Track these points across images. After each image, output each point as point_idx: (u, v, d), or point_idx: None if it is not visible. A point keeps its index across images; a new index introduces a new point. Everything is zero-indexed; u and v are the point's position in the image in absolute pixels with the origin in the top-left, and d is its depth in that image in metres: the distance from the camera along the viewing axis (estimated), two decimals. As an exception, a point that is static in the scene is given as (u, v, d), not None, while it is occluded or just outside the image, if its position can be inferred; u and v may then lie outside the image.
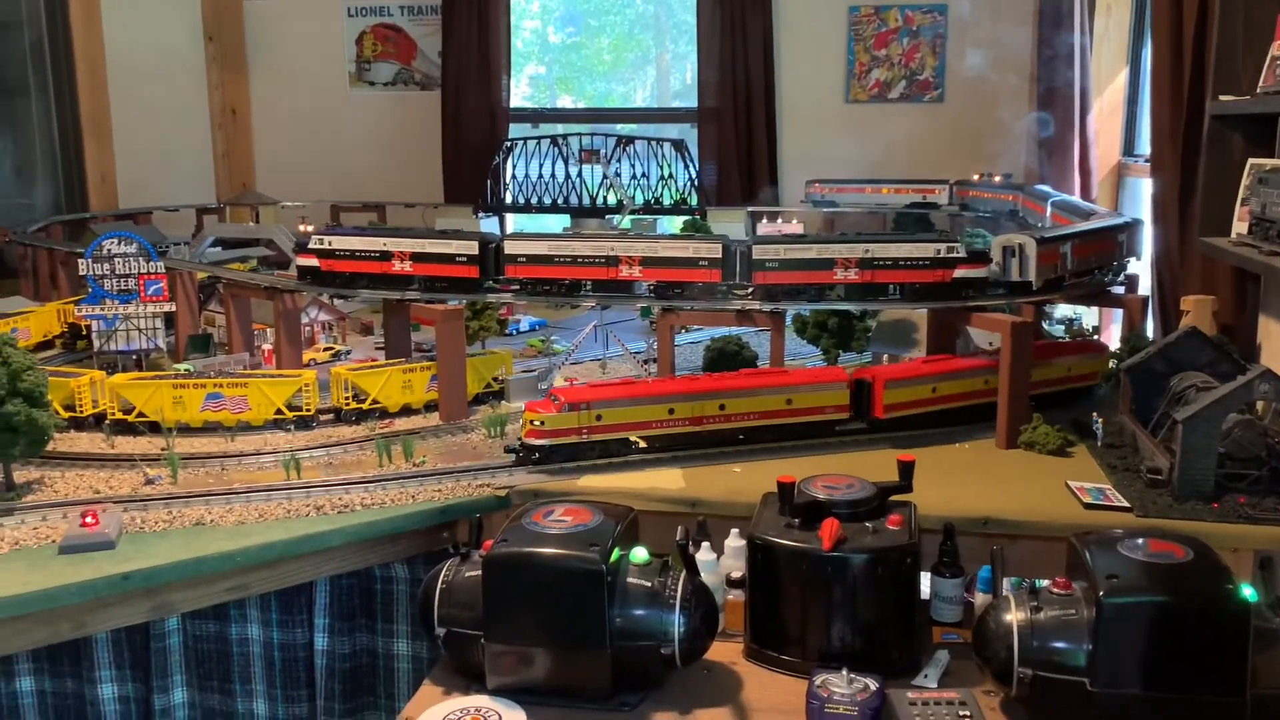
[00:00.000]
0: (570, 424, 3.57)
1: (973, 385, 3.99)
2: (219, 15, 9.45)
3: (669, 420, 3.67)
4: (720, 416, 3.72)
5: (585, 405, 3.58)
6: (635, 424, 3.65)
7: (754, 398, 3.74)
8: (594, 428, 3.60)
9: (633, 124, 9.48)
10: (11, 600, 2.66)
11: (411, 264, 4.15)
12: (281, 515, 3.19)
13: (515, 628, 2.67)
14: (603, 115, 9.69)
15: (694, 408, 3.69)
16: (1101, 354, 4.46)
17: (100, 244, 4.68)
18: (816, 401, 3.81)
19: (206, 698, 3.87)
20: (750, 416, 3.76)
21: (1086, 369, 4.37)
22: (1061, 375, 4.25)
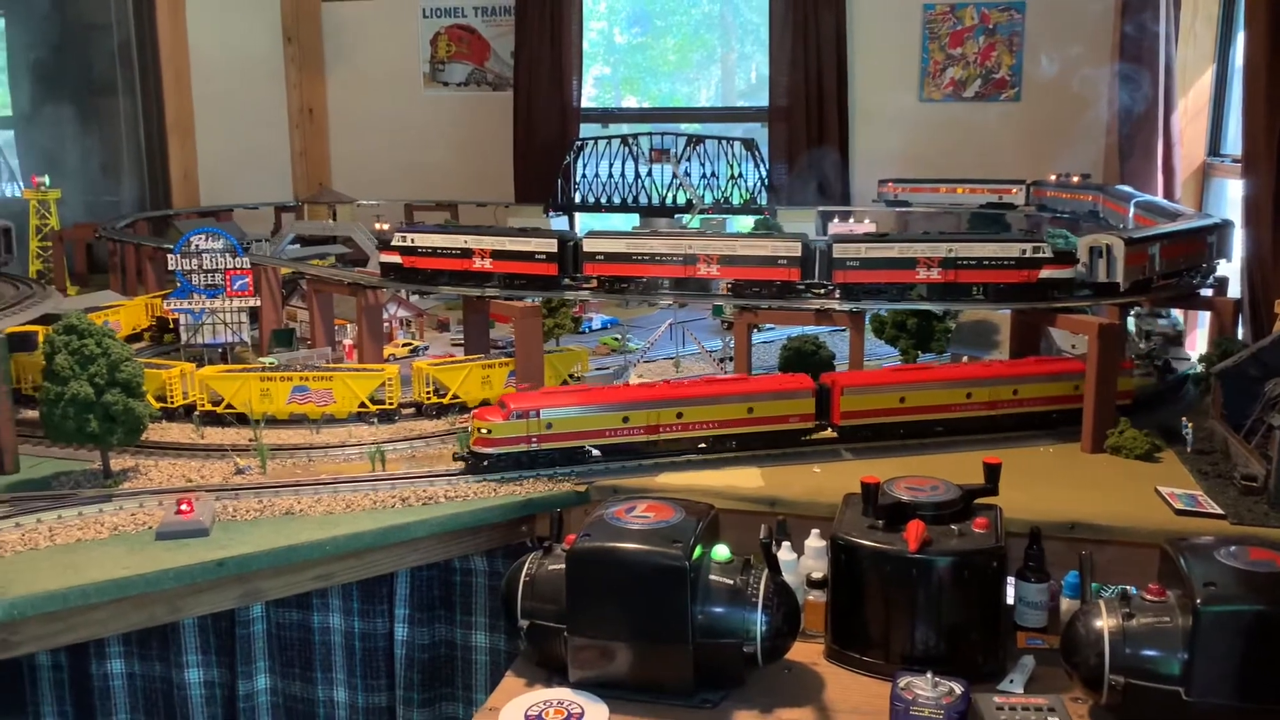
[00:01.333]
0: (519, 432, 3.49)
1: (952, 397, 3.83)
2: (298, 17, 9.64)
3: (624, 429, 3.58)
4: (678, 425, 3.63)
5: (534, 413, 3.51)
6: (588, 432, 3.56)
7: (713, 406, 3.65)
8: (544, 436, 3.51)
9: (700, 123, 9.46)
10: (112, 584, 2.75)
11: (491, 261, 4.20)
12: (368, 506, 3.25)
13: (598, 622, 2.68)
14: (672, 115, 9.69)
15: (650, 416, 3.59)
16: (1125, 372, 4.04)
17: (189, 240, 4.80)
18: (779, 410, 3.69)
19: (288, 684, 3.97)
20: (710, 425, 3.66)
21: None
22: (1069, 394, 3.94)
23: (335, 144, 9.96)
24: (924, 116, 8.50)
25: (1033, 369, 3.96)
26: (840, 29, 8.43)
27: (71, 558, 2.87)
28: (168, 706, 3.96)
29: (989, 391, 3.86)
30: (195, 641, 3.94)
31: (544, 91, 9.11)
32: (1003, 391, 3.87)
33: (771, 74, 8.66)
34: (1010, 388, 3.88)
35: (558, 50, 9.03)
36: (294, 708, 3.97)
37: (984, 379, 3.87)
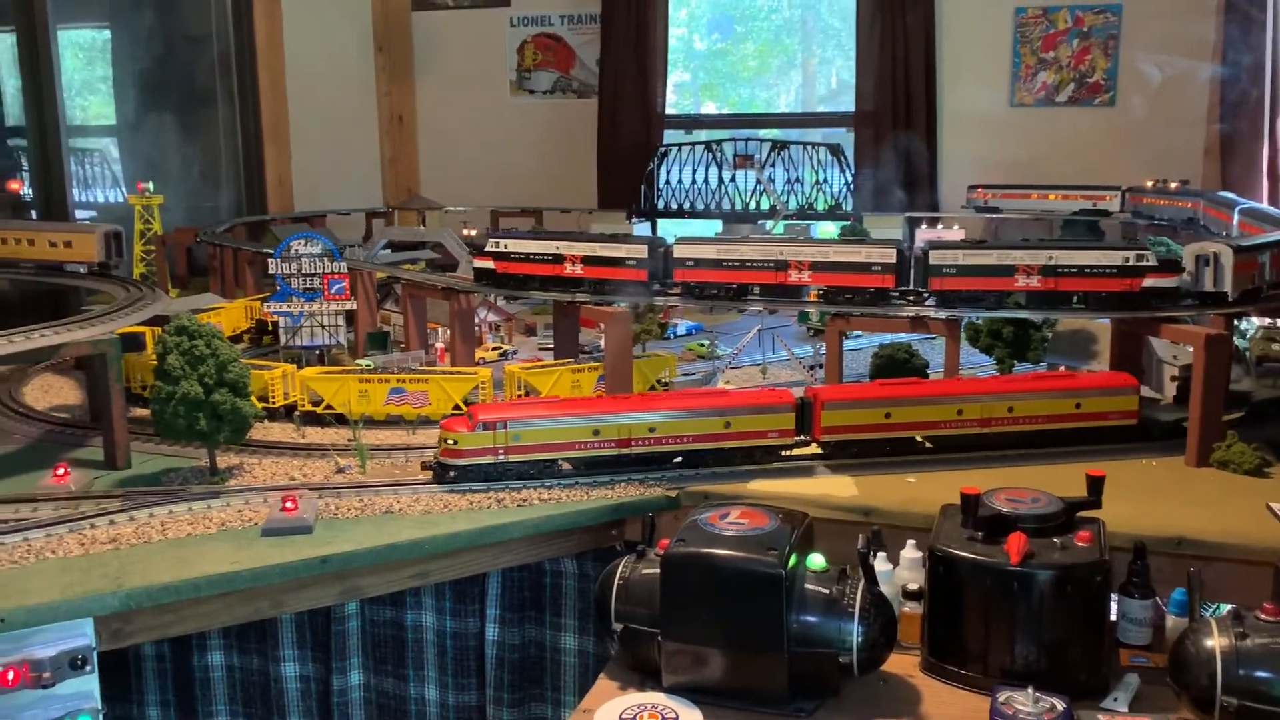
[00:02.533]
0: (485, 444, 3.44)
1: (941, 414, 3.69)
2: (389, 26, 9.86)
3: (594, 442, 3.52)
4: (651, 439, 3.55)
5: (501, 425, 3.45)
6: (557, 445, 3.50)
7: (688, 420, 3.57)
8: (511, 448, 3.46)
9: (782, 129, 9.42)
10: (222, 578, 2.84)
11: (583, 267, 4.24)
12: (465, 507, 3.31)
13: (692, 627, 2.68)
14: (756, 120, 9.67)
15: (621, 429, 3.53)
16: (1133, 390, 3.85)
17: (289, 245, 4.93)
18: (757, 425, 3.60)
19: (381, 681, 4.04)
20: (685, 439, 3.58)
21: (1109, 406, 3.80)
22: (1069, 412, 3.76)
23: (424, 151, 10.15)
24: (1015, 121, 8.36)
25: (1029, 385, 3.81)
26: (928, 33, 8.34)
27: (183, 551, 2.97)
28: (264, 699, 4.06)
29: (981, 408, 3.72)
30: (292, 636, 4.04)
31: (628, 98, 9.18)
32: (996, 408, 3.72)
33: (858, 79, 8.60)
34: (1005, 404, 3.73)
35: (642, 57, 9.09)
36: (386, 704, 4.04)
37: (976, 395, 3.73)
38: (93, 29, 8.71)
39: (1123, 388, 3.83)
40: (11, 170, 7.89)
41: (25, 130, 7.78)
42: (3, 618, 2.56)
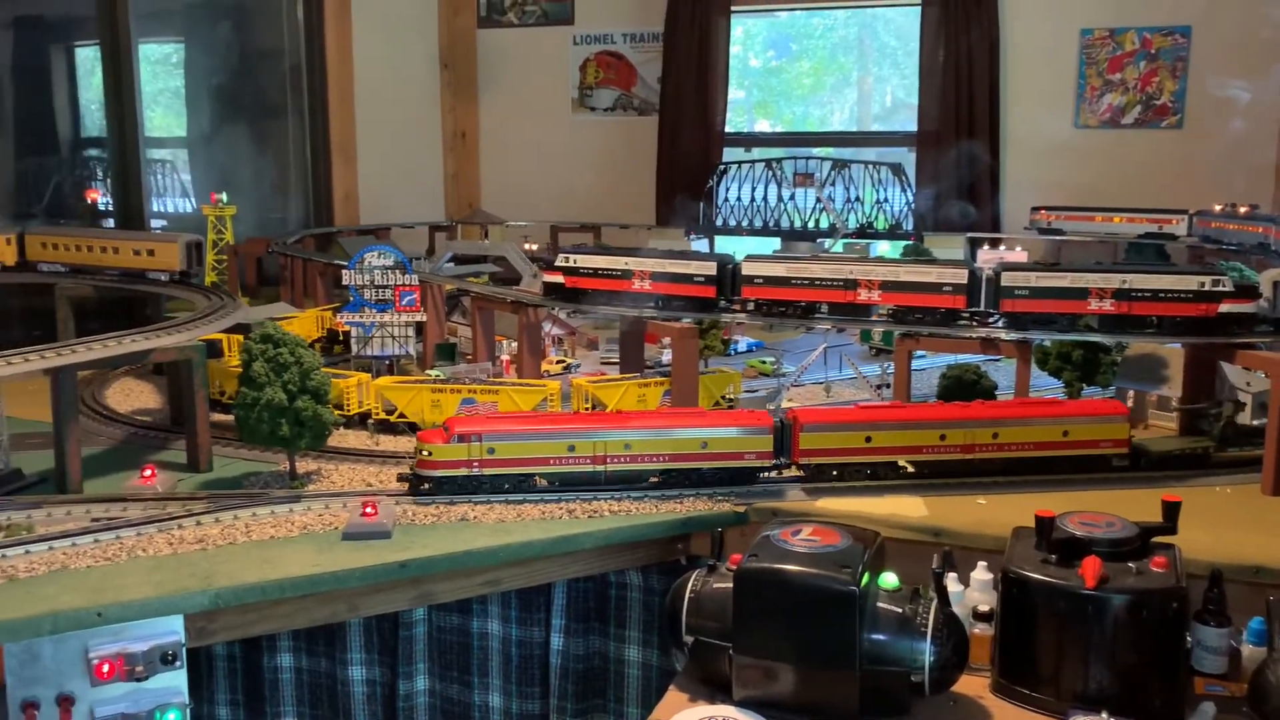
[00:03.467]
0: (459, 456, 3.42)
1: (924, 439, 3.65)
2: (454, 43, 10.03)
3: (570, 458, 3.50)
4: (627, 456, 3.53)
5: (476, 437, 3.43)
6: (531, 459, 3.49)
7: (663, 439, 3.55)
8: (485, 461, 3.44)
9: (842, 147, 9.42)
10: (305, 580, 2.92)
11: (650, 283, 4.29)
12: (537, 516, 3.36)
13: (764, 642, 2.71)
14: (816, 138, 9.70)
15: (596, 446, 3.50)
16: (1123, 418, 3.78)
17: (363, 257, 5.04)
18: (734, 446, 3.58)
19: (446, 687, 4.11)
20: (660, 458, 3.56)
21: (1099, 435, 3.72)
22: (1056, 439, 3.69)
23: (485, 166, 10.30)
24: (1079, 143, 8.29)
25: (1015, 411, 3.76)
26: (992, 53, 8.31)
27: (267, 553, 3.06)
28: (331, 701, 4.14)
29: (965, 434, 3.67)
30: (360, 640, 4.12)
31: (689, 116, 9.24)
32: (981, 435, 3.67)
33: (920, 98, 8.58)
34: (990, 431, 3.67)
35: (703, 75, 9.15)
36: (451, 710, 4.10)
37: (959, 421, 3.69)
38: (168, 43, 8.96)
39: (1112, 415, 3.76)
40: (87, 179, 8.15)
41: (102, 141, 8.05)
42: (99, 612, 2.66)
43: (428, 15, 9.91)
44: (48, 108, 7.93)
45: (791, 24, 9.89)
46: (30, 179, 7.67)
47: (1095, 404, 3.88)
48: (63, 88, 8.09)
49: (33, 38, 7.76)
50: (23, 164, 7.69)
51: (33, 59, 7.75)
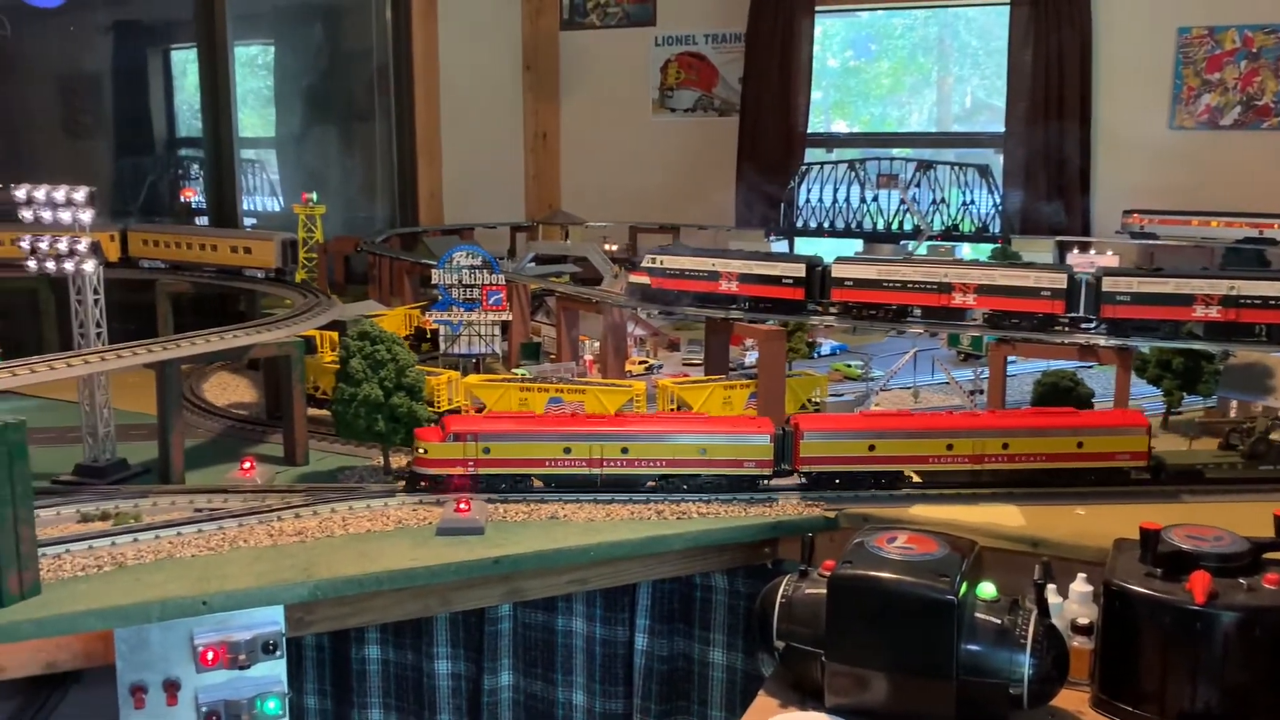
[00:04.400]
0: (454, 455, 3.41)
1: (930, 448, 3.55)
2: (537, 45, 10.11)
3: (565, 460, 3.46)
4: (623, 460, 3.48)
5: (471, 437, 3.41)
6: (526, 460, 3.45)
7: (662, 444, 3.50)
8: (480, 461, 3.42)
9: (925, 149, 9.29)
10: (402, 573, 2.96)
11: (738, 284, 4.27)
12: (625, 516, 3.37)
13: (858, 650, 2.68)
14: (897, 140, 9.59)
15: (593, 449, 3.46)
16: (1142, 430, 3.62)
17: (451, 257, 5.11)
18: (734, 453, 3.51)
19: (530, 683, 4.14)
20: (659, 463, 3.50)
21: (1116, 446, 3.60)
22: (1070, 451, 3.57)
23: (565, 167, 10.37)
24: (1175, 145, 8.05)
25: (1026, 421, 3.64)
26: (1084, 52, 8.11)
27: (364, 546, 3.11)
28: (416, 694, 4.20)
29: (973, 444, 3.56)
30: (445, 634, 4.17)
31: (770, 117, 9.19)
32: (990, 445, 3.56)
33: (1008, 98, 8.42)
34: (999, 441, 3.56)
35: (786, 76, 9.09)
36: (534, 706, 4.14)
37: (968, 430, 3.58)
38: (258, 45, 9.18)
39: (1131, 427, 3.63)
40: (181, 178, 8.40)
41: (194, 141, 8.28)
42: (205, 601, 2.73)
43: (511, 17, 10.01)
44: (144, 109, 8.17)
45: (870, 24, 9.78)
46: (127, 177, 7.92)
47: (1114, 415, 3.77)
48: (158, 89, 8.35)
49: (130, 41, 8.02)
50: (121, 163, 7.96)
51: (130, 61, 8.01)
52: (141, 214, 7.72)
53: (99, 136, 7.83)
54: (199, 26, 7.53)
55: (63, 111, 7.63)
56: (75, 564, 2.86)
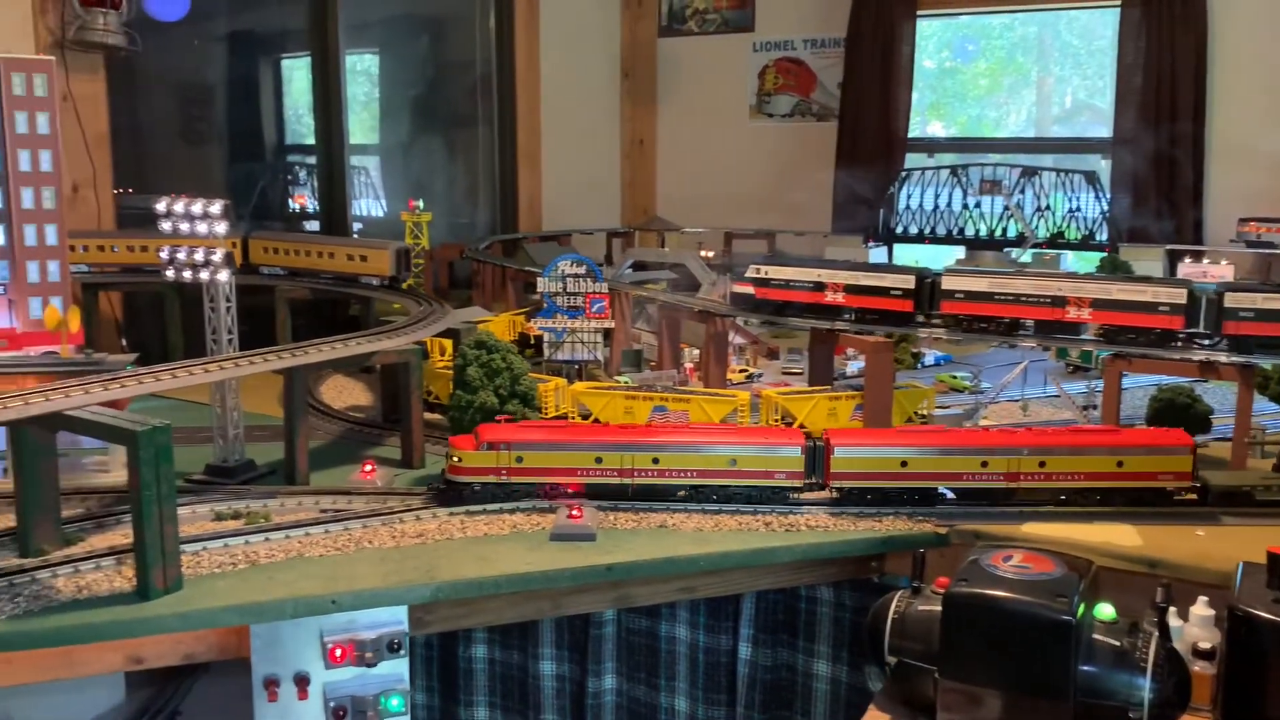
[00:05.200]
0: (488, 463, 3.41)
1: (964, 465, 3.48)
2: (635, 52, 10.21)
3: (596, 469, 3.46)
4: (654, 470, 3.47)
5: (505, 445, 3.42)
6: (558, 470, 3.47)
7: (693, 454, 3.48)
8: (514, 469, 3.43)
9: (1020, 153, 9.11)
10: (519, 577, 3.04)
11: (844, 295, 4.27)
12: (734, 527, 3.40)
13: (972, 668, 2.67)
14: (998, 145, 9.43)
15: (624, 458, 3.46)
16: (1187, 449, 3.52)
17: (557, 265, 5.21)
18: (765, 465, 3.49)
19: (634, 687, 4.20)
20: (690, 474, 3.49)
21: (1158, 467, 3.50)
22: (1110, 470, 3.49)
23: (661, 173, 10.43)
24: (1294, 151, 7.77)
25: (1065, 440, 3.55)
26: (1199, 55, 7.87)
27: (481, 549, 3.20)
28: (522, 694, 4.29)
29: (1008, 462, 3.49)
30: (551, 636, 4.26)
31: (869, 122, 9.12)
32: (1027, 463, 3.49)
33: (1117, 102, 8.21)
34: (1036, 459, 3.49)
35: (886, 80, 9.01)
36: (637, 710, 4.19)
37: (1003, 448, 3.51)
38: (364, 54, 9.45)
39: (1175, 446, 3.52)
40: (289, 185, 8.70)
41: (304, 148, 8.55)
42: (334, 599, 2.85)
43: (610, 26, 10.12)
44: (255, 117, 8.48)
45: (969, 25, 9.63)
46: (239, 184, 8.23)
47: (1156, 434, 3.67)
48: (269, 98, 8.66)
49: (243, 51, 8.33)
50: (233, 170, 8.27)
51: (244, 71, 8.32)
52: (252, 220, 8.00)
53: (213, 144, 8.15)
54: (312, 37, 7.79)
55: (181, 120, 7.96)
56: (212, 561, 3.00)
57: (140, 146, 7.17)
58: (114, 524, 3.26)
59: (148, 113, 7.36)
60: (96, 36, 5.55)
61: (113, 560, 2.95)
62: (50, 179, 4.50)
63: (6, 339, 4.44)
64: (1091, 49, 8.93)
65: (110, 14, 5.59)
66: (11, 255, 4.46)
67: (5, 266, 4.47)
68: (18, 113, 4.38)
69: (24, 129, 4.41)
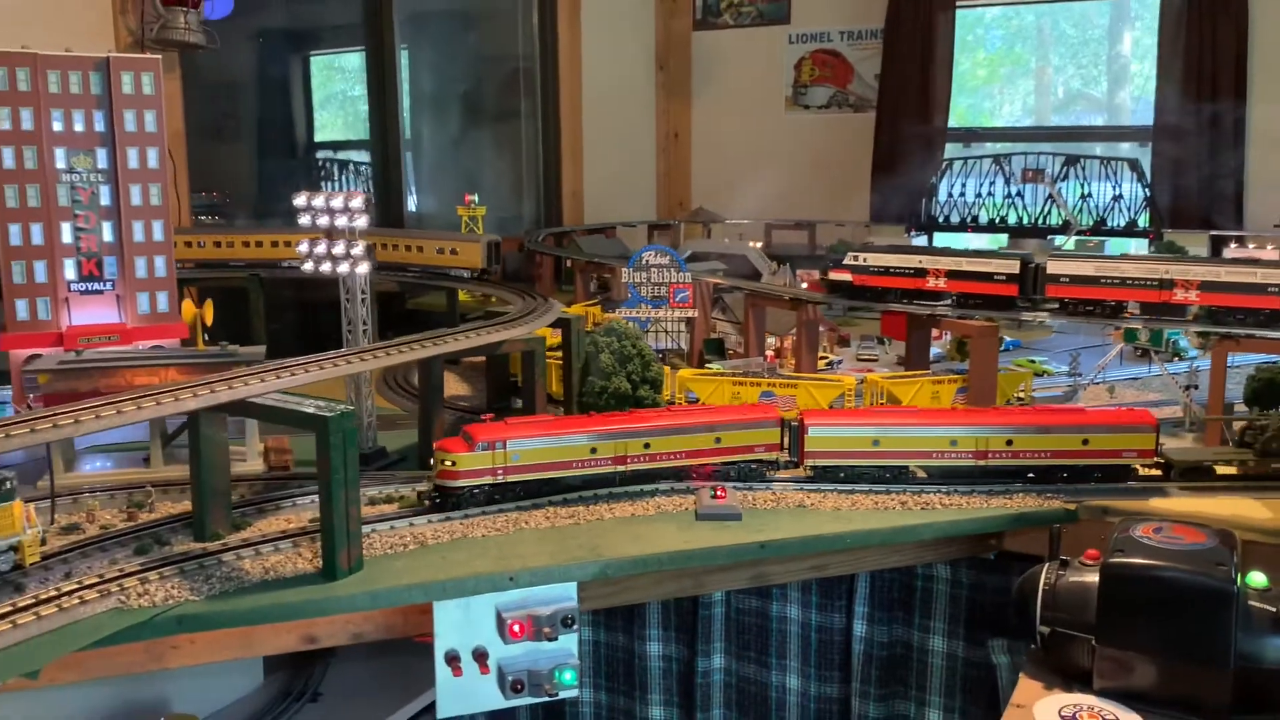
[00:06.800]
0: (484, 464, 3.31)
1: (934, 443, 3.61)
2: (670, 46, 10.28)
3: (591, 460, 3.47)
4: (645, 456, 3.52)
5: (500, 444, 3.33)
6: (554, 464, 3.42)
7: (680, 436, 3.55)
8: (510, 468, 3.35)
9: (1061, 141, 9.23)
10: (679, 555, 3.13)
11: (946, 281, 4.36)
12: (869, 506, 3.49)
13: (1131, 636, 2.77)
14: (1040, 134, 9.57)
15: (617, 446, 3.49)
16: (1150, 428, 3.64)
17: (641, 256, 5.30)
18: (746, 440, 3.60)
19: (743, 666, 4.30)
20: (679, 455, 3.57)
21: (1122, 445, 3.63)
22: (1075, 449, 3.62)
23: (696, 165, 10.51)
24: (1337, 136, 7.90)
25: (1030, 419, 3.68)
26: (1240, 44, 7.99)
27: (634, 529, 3.29)
28: (627, 674, 4.39)
29: (976, 440, 3.62)
30: (658, 618, 4.35)
31: (909, 112, 9.21)
32: (994, 441, 3.61)
33: (1158, 91, 8.34)
34: (1004, 438, 3.62)
35: (927, 71, 9.10)
36: (746, 689, 4.29)
37: (972, 426, 3.63)
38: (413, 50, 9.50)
39: (1138, 425, 3.66)
40: (337, 182, 8.78)
41: (349, 144, 8.62)
42: (511, 577, 2.94)
43: (645, 19, 10.20)
44: (302, 113, 8.54)
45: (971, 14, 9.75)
46: (277, 180, 8.29)
47: (1121, 414, 3.81)
48: (315, 94, 8.72)
49: (291, 47, 8.38)
50: (269, 165, 8.33)
51: (288, 67, 8.37)
52: (289, 215, 8.04)
53: (243, 141, 8.21)
54: (367, 32, 7.84)
55: (229, 118, 8.02)
56: (384, 542, 3.09)
57: (210, 144, 7.23)
58: (272, 509, 3.34)
59: (213, 110, 7.42)
60: (178, 35, 5.61)
61: (289, 543, 3.04)
62: (157, 175, 4.58)
63: (118, 333, 4.51)
64: (1085, 38, 9.07)
65: (191, 13, 5.65)
66: (120, 251, 4.53)
67: (114, 262, 4.54)
68: (126, 111, 4.46)
69: (132, 127, 4.49)
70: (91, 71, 4.38)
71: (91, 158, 4.46)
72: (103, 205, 4.48)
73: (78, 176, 4.43)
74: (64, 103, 4.34)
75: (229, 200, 7.72)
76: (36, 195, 4.33)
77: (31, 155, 4.32)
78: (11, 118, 4.25)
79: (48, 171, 4.35)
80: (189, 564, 2.87)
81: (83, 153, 4.44)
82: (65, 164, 4.40)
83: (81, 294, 4.49)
